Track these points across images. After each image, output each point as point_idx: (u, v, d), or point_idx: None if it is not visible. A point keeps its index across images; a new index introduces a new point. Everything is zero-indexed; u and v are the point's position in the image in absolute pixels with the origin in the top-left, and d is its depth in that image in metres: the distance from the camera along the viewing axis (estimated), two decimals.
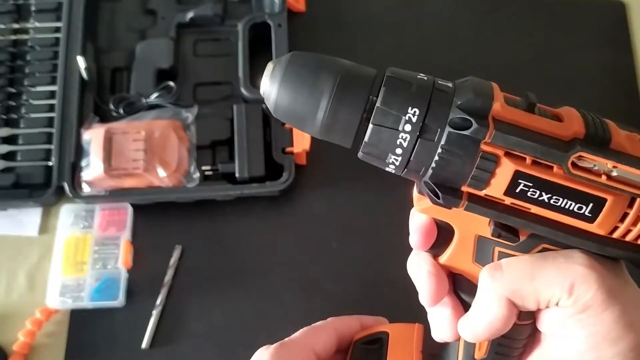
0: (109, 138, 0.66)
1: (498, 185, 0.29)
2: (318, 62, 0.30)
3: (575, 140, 0.28)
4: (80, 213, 0.66)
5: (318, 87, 0.29)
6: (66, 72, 0.70)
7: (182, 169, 0.66)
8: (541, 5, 0.79)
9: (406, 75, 0.30)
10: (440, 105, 0.29)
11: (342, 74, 0.29)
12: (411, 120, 0.28)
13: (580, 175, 0.28)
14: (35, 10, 0.73)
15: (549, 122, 0.29)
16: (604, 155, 0.28)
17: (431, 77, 0.30)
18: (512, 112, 0.28)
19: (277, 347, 0.40)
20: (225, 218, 0.67)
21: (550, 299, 0.30)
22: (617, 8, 0.79)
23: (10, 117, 0.69)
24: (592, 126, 0.29)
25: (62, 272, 0.63)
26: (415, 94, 0.29)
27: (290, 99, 0.30)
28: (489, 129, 0.28)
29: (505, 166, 0.28)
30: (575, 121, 0.29)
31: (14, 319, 0.62)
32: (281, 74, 0.31)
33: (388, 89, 0.29)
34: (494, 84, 0.30)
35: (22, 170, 0.67)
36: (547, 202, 0.29)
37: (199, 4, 0.74)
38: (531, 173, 0.28)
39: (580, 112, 0.30)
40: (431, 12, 0.79)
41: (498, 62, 0.76)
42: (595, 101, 0.74)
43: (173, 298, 0.63)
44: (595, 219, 0.29)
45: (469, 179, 0.29)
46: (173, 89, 0.70)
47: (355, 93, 0.29)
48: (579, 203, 0.29)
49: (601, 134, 0.28)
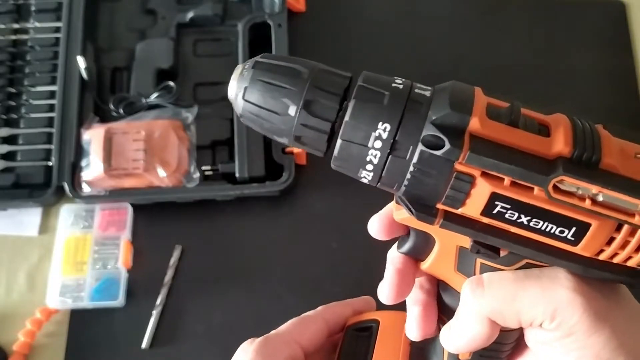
0: (109, 138, 0.66)
1: (474, 205, 0.27)
2: (287, 66, 0.28)
3: (559, 160, 0.26)
4: (80, 213, 0.66)
5: (286, 95, 0.27)
6: (66, 72, 0.70)
7: (182, 169, 0.66)
8: (541, 5, 0.79)
9: (380, 83, 0.28)
10: (413, 120, 0.27)
11: (312, 81, 0.27)
12: (381, 136, 0.27)
13: (562, 200, 0.26)
14: (35, 10, 0.73)
15: (533, 138, 0.26)
16: (589, 180, 0.25)
17: (409, 83, 0.28)
18: (491, 127, 0.26)
19: (262, 342, 0.39)
20: (225, 218, 0.67)
21: (533, 321, 0.29)
22: (617, 8, 0.79)
23: (10, 117, 0.69)
24: (580, 142, 0.26)
25: (62, 272, 0.63)
26: (387, 106, 0.27)
27: (257, 105, 0.28)
28: (463, 150, 0.25)
29: (481, 187, 0.26)
30: (562, 136, 0.26)
31: (14, 319, 0.62)
32: (249, 78, 0.29)
33: (358, 102, 0.27)
34: (477, 90, 0.28)
35: (22, 170, 0.67)
36: (526, 224, 0.27)
37: (199, 4, 0.74)
38: (509, 195, 0.26)
39: (571, 120, 0.27)
40: (431, 12, 0.78)
41: (498, 62, 0.76)
42: (595, 101, 0.74)
43: (173, 298, 0.63)
44: (579, 242, 0.27)
45: (444, 198, 0.27)
46: (173, 89, 0.70)
47: (324, 105, 0.27)
48: (561, 227, 0.27)
49: (589, 152, 0.26)
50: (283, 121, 0.28)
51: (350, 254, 0.66)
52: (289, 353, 0.39)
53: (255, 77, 0.28)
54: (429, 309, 0.34)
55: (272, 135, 0.29)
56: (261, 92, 0.28)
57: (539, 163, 0.26)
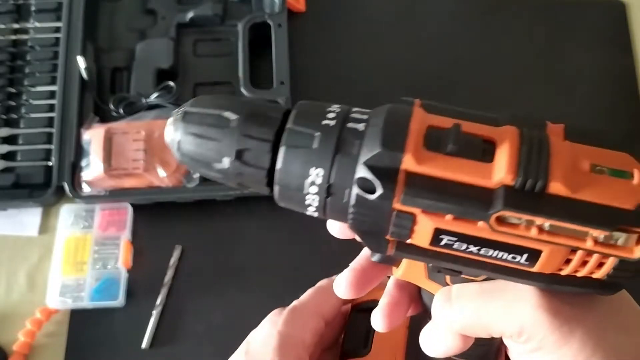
0: (109, 138, 0.66)
1: (421, 238, 0.26)
2: (215, 115, 0.27)
3: (501, 191, 0.24)
4: (80, 213, 0.66)
5: (218, 147, 0.27)
6: (66, 72, 0.70)
7: (182, 169, 0.66)
8: (541, 5, 0.79)
9: (311, 120, 0.27)
10: (344, 163, 0.26)
11: (241, 129, 0.27)
12: (315, 182, 0.26)
13: (507, 232, 0.25)
14: (35, 10, 0.73)
15: (473, 167, 0.25)
16: (531, 212, 0.24)
17: (343, 115, 0.27)
18: (428, 161, 0.25)
19: (290, 312, 0.41)
20: (225, 218, 0.67)
21: (503, 334, 0.29)
22: (617, 8, 0.79)
23: (10, 117, 0.69)
24: (524, 166, 0.24)
25: (62, 272, 0.63)
26: (317, 150, 0.26)
27: (192, 157, 0.28)
28: (396, 192, 0.25)
29: (423, 223, 0.25)
30: (505, 160, 0.24)
31: (14, 319, 0.62)
32: (180, 131, 0.28)
33: (287, 148, 0.26)
34: (415, 113, 0.26)
35: (22, 170, 0.67)
36: (477, 252, 0.26)
37: (199, 4, 0.74)
38: (452, 229, 0.25)
39: (520, 135, 0.25)
40: (431, 12, 0.78)
41: (498, 62, 0.76)
42: (595, 101, 0.74)
43: (173, 298, 0.63)
44: (534, 265, 0.26)
45: (390, 233, 0.26)
46: (173, 89, 0.70)
47: (256, 154, 0.27)
48: (512, 253, 0.26)
49: (534, 178, 0.24)
50: (220, 171, 0.27)
51: (350, 254, 0.65)
52: (314, 325, 0.41)
53: (186, 130, 0.27)
54: (397, 305, 0.34)
55: (214, 180, 0.29)
56: (193, 146, 0.27)
57: (479, 196, 0.24)
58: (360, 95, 0.73)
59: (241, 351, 0.40)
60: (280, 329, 0.40)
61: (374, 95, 0.74)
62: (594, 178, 0.25)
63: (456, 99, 0.74)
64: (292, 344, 0.39)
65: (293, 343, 0.39)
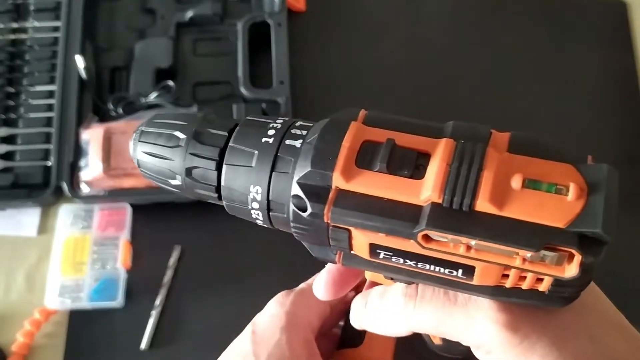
0: (108, 138, 0.65)
1: (361, 250, 0.27)
2: (167, 134, 0.29)
3: (427, 209, 0.24)
4: (79, 213, 0.66)
5: (170, 165, 0.29)
6: (65, 71, 0.70)
7: None
8: (541, 5, 0.79)
9: (251, 137, 0.28)
10: (280, 181, 0.27)
11: (189, 148, 0.29)
12: (256, 198, 0.28)
13: (436, 249, 0.25)
14: (34, 10, 0.73)
15: (403, 184, 0.25)
16: (455, 231, 0.24)
17: (282, 130, 0.28)
18: (358, 179, 0.25)
19: (299, 294, 0.41)
20: (224, 218, 0.66)
21: (463, 343, 0.29)
22: (618, 8, 0.79)
23: (9, 117, 0.69)
24: (452, 183, 0.24)
25: (61, 272, 0.63)
26: (256, 168, 0.27)
27: (150, 174, 0.30)
28: (325, 210, 0.25)
29: (358, 238, 0.26)
30: (434, 176, 0.24)
31: (12, 320, 0.62)
32: (138, 150, 0.30)
33: (229, 167, 0.28)
34: (351, 129, 0.26)
35: (21, 170, 0.67)
36: (415, 266, 0.26)
37: (199, 3, 0.74)
38: (386, 245, 0.26)
39: (454, 149, 0.25)
40: (431, 12, 0.78)
41: (498, 62, 0.76)
42: (595, 101, 0.74)
43: (172, 298, 0.63)
44: (472, 279, 0.26)
45: (331, 246, 0.27)
46: (172, 89, 0.70)
47: (203, 171, 0.29)
48: (448, 268, 0.26)
49: (460, 195, 0.24)
50: (175, 187, 0.30)
51: None
52: (320, 308, 0.41)
53: (142, 150, 0.30)
54: (341, 276, 0.34)
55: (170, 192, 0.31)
56: (150, 164, 0.30)
57: (406, 214, 0.24)
58: (359, 94, 0.73)
59: (247, 332, 0.40)
60: (288, 310, 0.39)
61: (373, 94, 0.74)
62: (526, 194, 0.24)
63: (456, 98, 0.74)
64: (300, 325, 0.39)
65: (301, 324, 0.39)
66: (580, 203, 0.24)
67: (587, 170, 0.25)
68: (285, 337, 0.38)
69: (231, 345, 0.40)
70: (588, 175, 0.25)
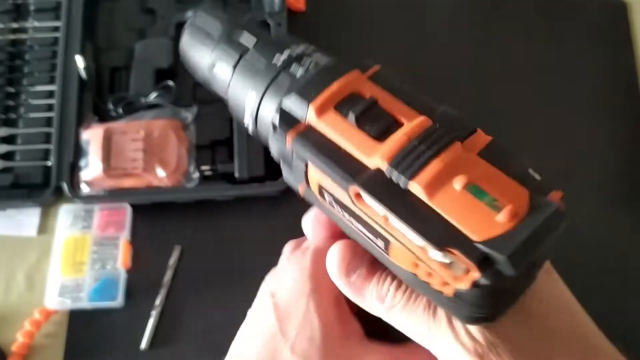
0: (108, 138, 0.65)
1: (314, 188, 0.28)
2: (205, 29, 0.33)
3: (371, 171, 0.25)
4: (79, 213, 0.66)
5: (200, 54, 0.33)
6: (65, 71, 0.70)
7: (182, 169, 0.66)
8: (541, 4, 0.79)
9: (267, 51, 0.31)
10: (272, 95, 0.29)
11: (218, 47, 0.32)
12: (249, 103, 0.30)
13: (362, 209, 0.26)
14: (34, 10, 0.73)
15: (363, 141, 0.26)
16: (379, 199, 0.24)
17: (295, 56, 0.30)
18: (328, 119, 0.27)
19: (316, 254, 0.36)
20: (224, 218, 0.67)
21: None
22: (618, 8, 0.79)
23: (8, 117, 0.69)
24: (402, 157, 0.25)
25: (61, 272, 0.63)
26: (259, 78, 0.30)
27: (186, 56, 0.34)
28: (288, 137, 0.27)
29: (312, 174, 0.28)
30: (390, 145, 0.25)
31: (12, 320, 0.62)
32: (184, 34, 0.34)
33: (239, 68, 0.31)
34: (349, 75, 0.28)
35: (21, 170, 0.67)
36: (348, 222, 0.27)
37: (199, 3, 0.73)
38: (330, 191, 0.27)
39: (424, 129, 0.26)
40: (431, 12, 0.78)
41: (498, 62, 0.76)
42: (595, 101, 0.74)
43: (172, 298, 0.63)
44: (389, 254, 0.27)
45: (294, 172, 0.29)
46: (172, 89, 0.70)
47: (222, 70, 0.32)
48: (371, 234, 0.27)
49: (402, 170, 0.24)
50: (201, 78, 0.33)
51: None
52: None
53: (183, 39, 0.34)
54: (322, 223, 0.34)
55: (195, 75, 0.34)
56: (185, 52, 0.34)
57: (351, 168, 0.25)
58: None
59: (268, 307, 0.36)
60: (312, 273, 0.35)
61: None
62: (463, 196, 0.24)
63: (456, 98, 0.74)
64: (327, 287, 0.34)
65: (327, 286, 0.34)
66: (506, 226, 0.23)
67: (537, 202, 0.24)
68: (313, 305, 0.34)
69: (250, 324, 0.37)
70: (534, 206, 0.24)
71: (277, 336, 0.33)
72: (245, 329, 0.37)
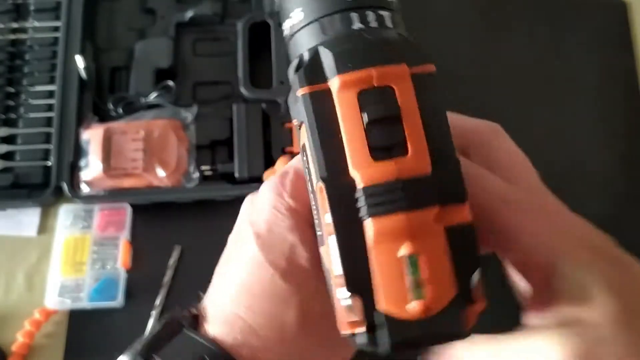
0: (108, 138, 0.65)
1: (300, 142, 0.27)
2: None
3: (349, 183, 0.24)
4: (79, 213, 0.66)
5: None
6: (65, 71, 0.69)
7: (182, 169, 0.66)
8: (541, 5, 0.79)
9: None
10: (314, 30, 0.26)
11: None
12: (293, 19, 0.27)
13: (318, 201, 0.25)
14: (34, 10, 0.73)
15: (359, 149, 0.24)
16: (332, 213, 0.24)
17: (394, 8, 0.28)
18: (346, 101, 0.24)
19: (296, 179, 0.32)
20: (224, 218, 0.66)
21: None
22: (618, 8, 0.78)
23: (8, 117, 0.69)
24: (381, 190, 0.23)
25: (61, 272, 0.63)
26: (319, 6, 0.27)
27: None
28: (300, 89, 0.25)
29: (302, 133, 0.26)
30: (381, 172, 0.24)
31: (12, 320, 0.62)
32: None
33: None
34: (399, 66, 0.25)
35: (21, 170, 0.67)
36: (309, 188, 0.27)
37: (199, 3, 0.74)
38: (307, 159, 0.26)
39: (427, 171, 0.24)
40: (430, 12, 0.78)
41: (498, 62, 0.76)
42: (595, 101, 0.74)
43: (172, 298, 0.63)
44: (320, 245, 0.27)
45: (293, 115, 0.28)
46: (172, 89, 0.70)
47: None
48: (316, 219, 0.27)
49: (374, 203, 0.24)
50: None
51: None
52: None
53: None
54: None
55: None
56: None
57: (334, 162, 0.24)
58: None
59: (248, 235, 0.33)
60: (292, 204, 0.31)
61: None
62: (398, 263, 0.23)
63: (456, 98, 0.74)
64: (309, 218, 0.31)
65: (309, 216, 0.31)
66: (410, 315, 0.23)
67: (454, 308, 0.24)
68: (298, 239, 0.31)
69: (230, 253, 0.36)
70: (448, 311, 0.23)
71: (263, 265, 0.31)
72: (228, 259, 0.37)
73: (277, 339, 0.30)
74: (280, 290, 0.30)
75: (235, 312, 0.31)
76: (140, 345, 0.31)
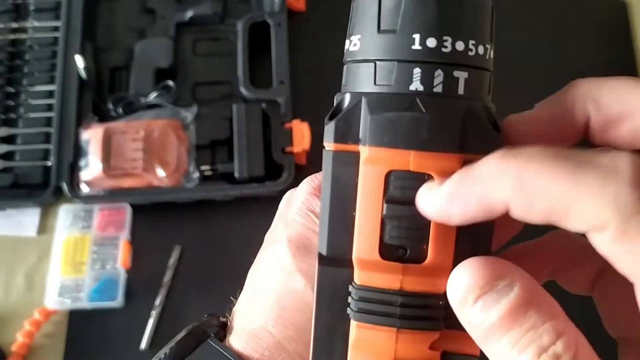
0: (108, 138, 0.65)
1: None
2: None
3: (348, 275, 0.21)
4: (79, 213, 0.66)
5: None
6: (65, 71, 0.69)
7: (181, 169, 0.66)
8: (542, 4, 0.79)
9: None
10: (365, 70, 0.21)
11: None
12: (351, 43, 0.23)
13: None
14: (34, 10, 0.73)
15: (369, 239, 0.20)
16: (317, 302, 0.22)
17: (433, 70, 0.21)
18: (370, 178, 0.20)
19: None
20: (224, 218, 0.67)
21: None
22: (618, 7, 0.79)
23: (8, 117, 0.69)
24: (376, 297, 0.20)
25: (61, 272, 0.63)
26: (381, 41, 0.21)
27: None
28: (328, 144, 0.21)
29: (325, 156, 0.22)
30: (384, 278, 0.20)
31: (12, 320, 0.62)
32: None
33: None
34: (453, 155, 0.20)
35: (21, 170, 0.67)
36: None
37: (199, 3, 0.74)
38: None
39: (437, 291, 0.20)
40: None
41: (498, 61, 0.75)
42: None
43: (172, 298, 0.63)
44: None
45: None
46: (172, 89, 0.69)
47: None
48: None
49: (365, 310, 0.21)
50: None
51: None
52: None
53: None
54: None
55: None
56: None
57: (339, 246, 0.21)
58: None
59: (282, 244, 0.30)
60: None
61: None
62: None
63: None
64: None
65: None
66: None
67: None
68: None
69: (264, 253, 0.33)
70: None
71: (294, 274, 0.29)
72: (260, 266, 0.33)
73: (306, 354, 0.28)
74: (312, 302, 0.25)
75: (264, 326, 0.29)
76: (163, 354, 0.29)
